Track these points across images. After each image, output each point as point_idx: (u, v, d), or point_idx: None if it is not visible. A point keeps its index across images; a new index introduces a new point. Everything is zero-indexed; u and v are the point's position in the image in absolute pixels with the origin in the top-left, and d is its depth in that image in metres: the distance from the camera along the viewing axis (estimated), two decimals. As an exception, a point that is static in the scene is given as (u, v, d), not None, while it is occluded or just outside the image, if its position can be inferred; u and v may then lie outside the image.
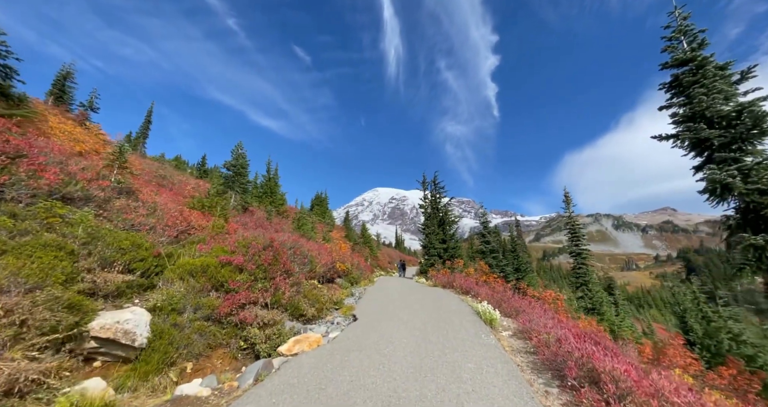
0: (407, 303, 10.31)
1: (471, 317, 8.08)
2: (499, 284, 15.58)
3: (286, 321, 6.99)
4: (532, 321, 6.73)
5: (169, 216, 7.91)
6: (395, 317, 8.26)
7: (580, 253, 22.68)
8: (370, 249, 49.50)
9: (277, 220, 24.35)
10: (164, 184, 15.11)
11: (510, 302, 9.45)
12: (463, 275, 16.18)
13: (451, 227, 36.44)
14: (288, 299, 7.37)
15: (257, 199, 27.55)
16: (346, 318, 8.83)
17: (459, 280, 13.93)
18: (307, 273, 9.65)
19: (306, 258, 9.56)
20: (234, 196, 18.07)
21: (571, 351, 4.13)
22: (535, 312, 7.68)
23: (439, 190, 38.71)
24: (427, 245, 34.08)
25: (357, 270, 18.51)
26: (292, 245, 9.11)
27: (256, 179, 29.62)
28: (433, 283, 16.75)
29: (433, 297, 11.71)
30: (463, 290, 12.97)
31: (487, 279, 15.95)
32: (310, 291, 8.59)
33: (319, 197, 60.10)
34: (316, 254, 11.04)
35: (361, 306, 10.14)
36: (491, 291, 11.14)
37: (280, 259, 7.87)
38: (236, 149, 18.57)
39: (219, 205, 10.64)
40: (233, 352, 5.70)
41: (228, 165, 17.82)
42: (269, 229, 16.52)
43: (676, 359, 10.92)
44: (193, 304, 5.53)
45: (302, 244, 10.15)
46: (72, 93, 29.26)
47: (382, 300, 11.22)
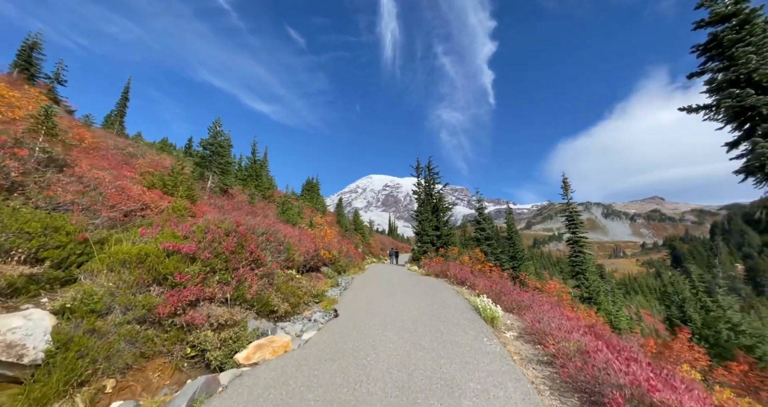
0: (397, 295, 9.28)
1: (469, 314, 7.05)
2: (495, 273, 14.69)
3: (250, 319, 5.85)
4: (541, 321, 5.70)
5: (112, 194, 6.59)
6: (382, 313, 7.20)
7: (577, 241, 21.94)
8: (362, 236, 48.56)
9: (263, 205, 22.99)
10: (129, 161, 13.60)
11: (511, 295, 8.47)
12: (457, 263, 15.24)
13: (445, 214, 35.51)
14: (255, 293, 6.21)
15: (241, 182, 26.04)
16: (326, 313, 7.75)
17: (453, 269, 12.96)
18: (284, 262, 8.49)
19: (282, 246, 8.37)
20: (212, 177, 16.62)
21: (610, 371, 3.08)
22: (544, 309, 6.67)
23: (434, 175, 37.51)
24: (420, 232, 33.16)
25: (345, 257, 17.45)
26: (264, 230, 7.89)
27: (241, 161, 27.98)
28: (425, 272, 15.80)
29: (426, 288, 10.71)
30: (458, 280, 12.00)
31: (482, 267, 15.04)
32: (284, 284, 7.45)
33: (310, 182, 58.53)
34: (296, 241, 9.86)
35: (345, 298, 9.07)
36: (489, 282, 10.16)
37: (247, 246, 6.66)
38: (214, 126, 16.95)
39: (184, 184, 9.30)
40: (177, 362, 4.57)
41: (205, 143, 16.27)
42: (248, 214, 15.23)
43: (683, 354, 10.23)
44: (123, 303, 4.35)
45: (279, 230, 8.95)
46: (40, 65, 26.92)
47: (369, 291, 10.17)
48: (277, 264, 7.58)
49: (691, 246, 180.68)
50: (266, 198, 26.23)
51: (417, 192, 37.23)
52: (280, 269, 8.27)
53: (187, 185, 9.49)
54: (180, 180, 9.36)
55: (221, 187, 16.66)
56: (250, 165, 27.28)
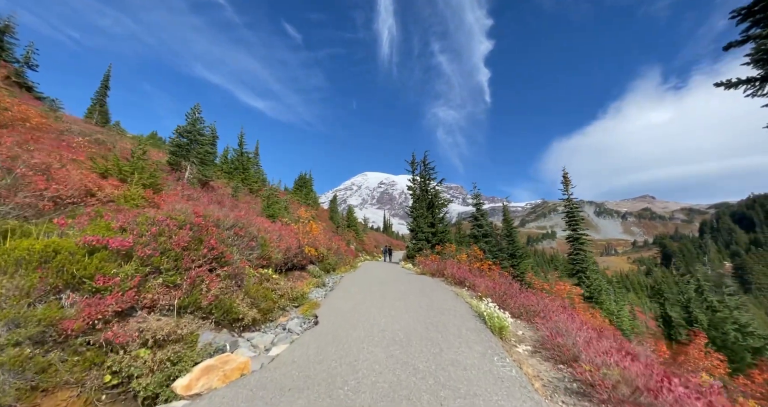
0: (388, 298, 8.19)
1: (472, 322, 5.98)
2: (495, 272, 13.71)
3: (204, 332, 4.71)
4: (563, 333, 4.65)
5: (36, 178, 5.35)
6: (369, 320, 6.10)
7: (578, 238, 21.09)
8: (356, 233, 47.44)
9: (249, 199, 21.70)
10: (86, 147, 12.27)
11: (517, 298, 7.43)
12: (454, 262, 14.21)
13: (441, 210, 34.50)
14: (213, 298, 5.06)
15: (227, 175, 24.68)
16: (305, 319, 6.63)
17: (451, 268, 11.92)
18: (257, 260, 7.33)
19: (255, 242, 7.21)
20: (189, 167, 15.31)
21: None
22: (560, 317, 5.63)
23: (429, 171, 36.42)
24: (415, 229, 32.13)
25: (335, 255, 16.33)
26: (234, 223, 6.73)
27: (227, 153, 26.59)
28: (420, 270, 14.76)
29: (421, 289, 9.65)
30: (456, 280, 10.96)
31: (481, 266, 14.05)
32: (256, 286, 6.30)
33: (303, 177, 57.12)
34: (275, 237, 8.70)
35: (330, 301, 7.96)
36: (491, 283, 9.13)
37: (207, 242, 5.49)
38: (192, 112, 15.61)
39: (145, 171, 8.05)
40: (91, 395, 3.42)
41: (182, 130, 14.92)
42: (231, 207, 14.00)
43: (701, 361, 9.36)
44: (9, 318, 3.20)
45: (252, 223, 7.79)
46: (12, 50, 25.21)
47: (357, 292, 9.07)
48: (246, 262, 6.42)
49: (680, 245, 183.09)
50: (254, 192, 24.92)
51: (412, 188, 36.16)
52: (253, 268, 7.11)
53: (150, 172, 8.26)
54: (140, 166, 8.12)
55: (200, 179, 15.36)
56: (237, 157, 25.90)
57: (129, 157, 8.51)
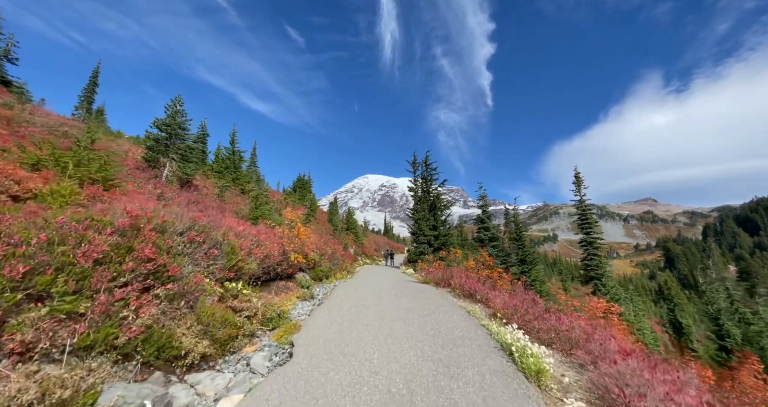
0: (386, 317, 6.71)
1: (496, 360, 4.48)
2: (506, 281, 12.23)
3: (114, 383, 3.25)
4: (626, 381, 3.18)
5: None
6: (359, 354, 4.64)
7: (592, 242, 19.58)
8: (355, 236, 45.98)
9: (239, 200, 20.28)
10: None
11: (547, 320, 5.94)
12: (460, 269, 12.72)
13: (443, 212, 33.10)
14: (139, 331, 3.61)
15: (218, 174, 23.29)
16: (278, 349, 5.17)
17: (459, 278, 10.44)
18: (222, 272, 5.86)
19: (218, 249, 5.75)
20: (169, 164, 13.90)
21: None
22: (610, 349, 4.14)
23: (431, 171, 35.02)
24: (417, 232, 30.66)
25: (329, 261, 14.86)
26: (188, 226, 5.30)
27: (219, 152, 25.21)
28: (423, 278, 13.27)
29: (425, 304, 8.16)
30: (465, 292, 9.47)
31: (490, 274, 12.57)
32: (212, 307, 4.83)
33: (301, 179, 55.86)
34: (250, 243, 7.23)
35: (313, 322, 6.48)
36: (509, 298, 7.62)
37: (139, 252, 4.05)
38: (173, 104, 14.22)
39: (93, 163, 6.63)
40: None
41: (159, 124, 13.52)
42: (213, 208, 12.57)
43: (756, 393, 7.82)
44: None
45: (219, 226, 6.34)
46: (9, 49, 24.29)
47: (349, 309, 7.59)
48: (200, 276, 4.95)
49: (684, 248, 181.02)
50: (246, 193, 23.52)
51: (413, 189, 34.73)
52: (215, 283, 5.65)
53: (99, 164, 6.82)
54: (85, 156, 6.70)
55: (180, 177, 13.95)
56: (229, 156, 24.51)
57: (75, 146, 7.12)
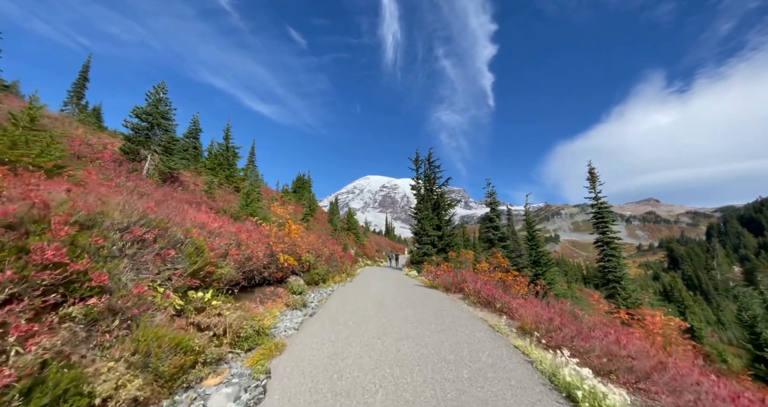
0: (390, 334, 5.43)
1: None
2: (523, 285, 10.93)
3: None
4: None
5: None
6: (356, 392, 3.36)
7: (608, 242, 18.25)
8: (356, 236, 44.72)
9: (231, 198, 19.03)
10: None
11: (595, 340, 4.64)
12: (471, 272, 11.42)
13: (447, 212, 31.83)
14: (22, 374, 2.34)
15: (210, 171, 22.05)
16: (251, 380, 3.90)
17: (473, 283, 9.14)
18: (184, 278, 4.57)
19: (177, 250, 4.47)
20: (150, 157, 12.65)
21: None
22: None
23: (434, 169, 33.75)
24: (419, 232, 29.36)
25: (327, 263, 13.58)
26: (137, 220, 4.04)
27: (212, 148, 23.98)
28: (430, 282, 11.98)
29: (436, 315, 6.87)
30: (482, 300, 8.16)
31: (505, 278, 11.26)
32: (157, 328, 3.56)
33: (301, 179, 54.71)
34: (226, 242, 5.93)
35: (300, 340, 5.20)
36: (540, 309, 6.31)
37: (41, 253, 2.79)
38: (155, 91, 12.97)
39: (32, 146, 5.39)
40: None
41: (140, 112, 12.27)
42: (184, 202, 11.31)
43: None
44: None
45: (183, 221, 5.06)
46: None
47: (346, 322, 6.31)
48: (143, 286, 3.67)
49: (688, 248, 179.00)
50: (240, 190, 22.27)
51: (416, 187, 33.46)
52: (173, 292, 4.37)
53: (41, 146, 5.57)
54: (22, 138, 5.44)
55: (163, 171, 12.70)
56: (222, 152, 23.27)
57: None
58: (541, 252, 16.17)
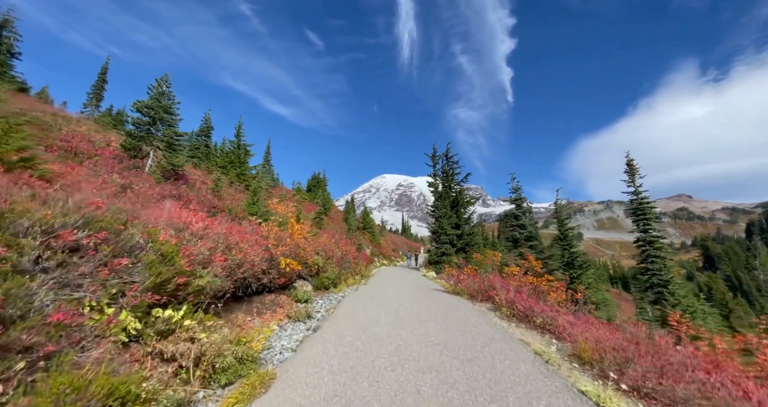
0: (408, 364, 4.26)
1: None
2: (560, 291, 9.49)
3: None
4: None
5: None
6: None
7: (652, 242, 16.34)
8: (372, 235, 43.77)
9: (242, 197, 18.36)
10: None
11: (712, 387, 3.30)
12: (498, 276, 10.06)
13: (466, 210, 30.26)
14: None
15: (222, 169, 21.55)
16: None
17: (504, 291, 7.82)
18: (143, 293, 3.56)
19: (131, 257, 3.48)
20: (153, 153, 12.00)
21: None
22: None
23: (453, 165, 32.21)
24: (437, 230, 27.97)
25: (338, 265, 12.55)
26: (68, 223, 3.07)
27: (224, 146, 23.53)
28: (452, 288, 10.71)
29: (464, 334, 5.64)
30: (518, 313, 6.84)
31: (537, 283, 9.84)
32: (79, 372, 2.55)
33: (316, 177, 54.29)
34: (208, 245, 4.93)
35: (294, 371, 4.12)
36: (609, 332, 4.94)
37: None
38: (158, 84, 12.33)
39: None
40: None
41: (141, 106, 11.63)
42: (209, 206, 10.54)
43: None
44: None
45: (144, 220, 4.10)
46: (10, 43, 23.60)
47: (354, 341, 5.19)
48: (63, 313, 2.68)
49: (726, 247, 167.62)
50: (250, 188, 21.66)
51: (433, 184, 32.04)
52: (130, 313, 3.39)
53: (3, 129, 4.80)
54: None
55: (165, 168, 12.03)
56: (233, 150, 22.76)
57: None
58: (575, 252, 14.53)
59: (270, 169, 47.68)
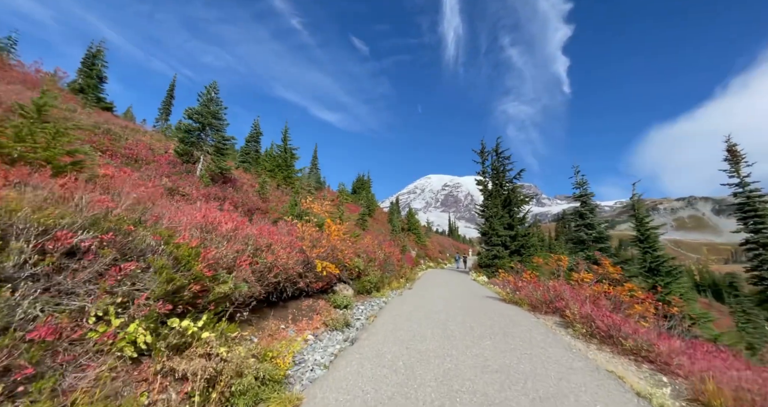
0: (460, 400, 3.39)
1: None
2: (649, 305, 7.75)
3: None
4: None
5: None
6: None
7: (767, 245, 13.13)
8: (417, 237, 42.73)
9: (286, 199, 18.73)
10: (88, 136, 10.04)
11: None
12: (565, 284, 8.54)
13: (520, 208, 27.92)
14: None
15: (270, 173, 22.35)
16: None
17: (577, 302, 6.46)
18: (153, 301, 3.19)
19: (143, 259, 3.11)
20: (202, 158, 12.53)
21: None
22: None
23: (503, 161, 30.03)
24: (488, 232, 26.12)
25: (381, 268, 11.91)
26: (66, 224, 2.75)
27: (271, 151, 24.46)
28: (509, 296, 9.41)
29: (532, 361, 4.53)
30: (599, 332, 5.50)
31: (611, 292, 8.15)
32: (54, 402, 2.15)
33: (360, 179, 54.84)
34: (235, 248, 4.50)
35: (322, 396, 3.48)
36: (741, 365, 3.58)
37: None
38: (207, 91, 12.89)
39: (37, 136, 4.76)
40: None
41: (192, 113, 12.22)
42: (250, 208, 10.68)
43: None
44: None
45: (159, 216, 3.75)
46: (100, 70, 27.33)
47: (394, 362, 4.42)
48: (44, 328, 2.30)
49: None
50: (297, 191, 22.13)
51: (482, 182, 30.12)
52: (141, 324, 3.03)
53: (47, 140, 4.87)
54: (27, 130, 4.82)
55: (214, 171, 12.48)
56: (280, 154, 23.51)
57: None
58: (661, 256, 12.07)
59: (317, 173, 49.23)
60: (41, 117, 5.19)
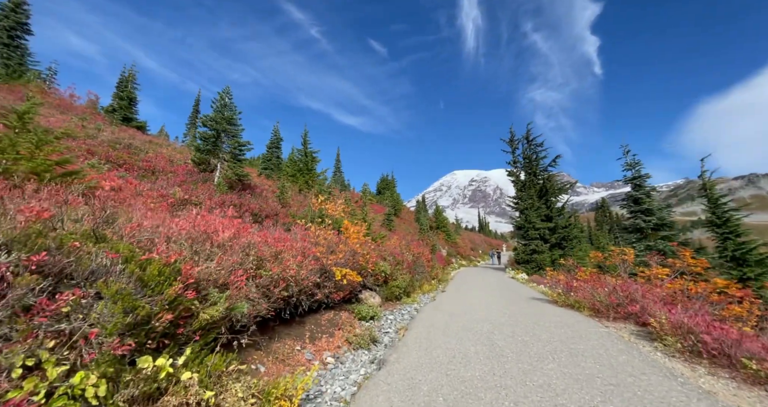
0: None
1: None
2: (746, 304, 6.13)
3: None
4: None
5: None
6: None
7: None
8: (447, 235, 41.16)
9: (307, 203, 18.23)
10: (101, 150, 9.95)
11: None
12: (635, 282, 7.07)
13: (558, 198, 25.82)
14: None
15: (291, 178, 22.05)
16: None
17: (660, 306, 5.09)
18: (111, 337, 2.45)
19: (90, 288, 2.39)
20: (219, 165, 12.20)
21: None
22: None
23: (536, 148, 27.99)
24: (524, 225, 24.29)
25: (410, 270, 10.89)
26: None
27: (292, 155, 24.21)
28: (562, 298, 8.05)
29: (623, 399, 3.39)
30: (704, 348, 4.17)
31: (694, 289, 6.58)
32: None
33: (385, 180, 54.09)
34: (232, 260, 3.72)
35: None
36: None
37: None
38: (221, 97, 12.58)
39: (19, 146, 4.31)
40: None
41: (206, 121, 11.93)
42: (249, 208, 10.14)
43: None
44: None
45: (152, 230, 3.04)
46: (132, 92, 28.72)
47: (434, 391, 3.41)
48: None
49: None
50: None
51: (513, 173, 28.21)
52: (91, 368, 2.30)
53: (30, 150, 4.47)
54: (9, 139, 4.40)
55: (231, 179, 12.10)
56: (301, 158, 23.18)
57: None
58: (747, 245, 9.97)
59: (340, 176, 49.09)
60: (25, 126, 4.73)
